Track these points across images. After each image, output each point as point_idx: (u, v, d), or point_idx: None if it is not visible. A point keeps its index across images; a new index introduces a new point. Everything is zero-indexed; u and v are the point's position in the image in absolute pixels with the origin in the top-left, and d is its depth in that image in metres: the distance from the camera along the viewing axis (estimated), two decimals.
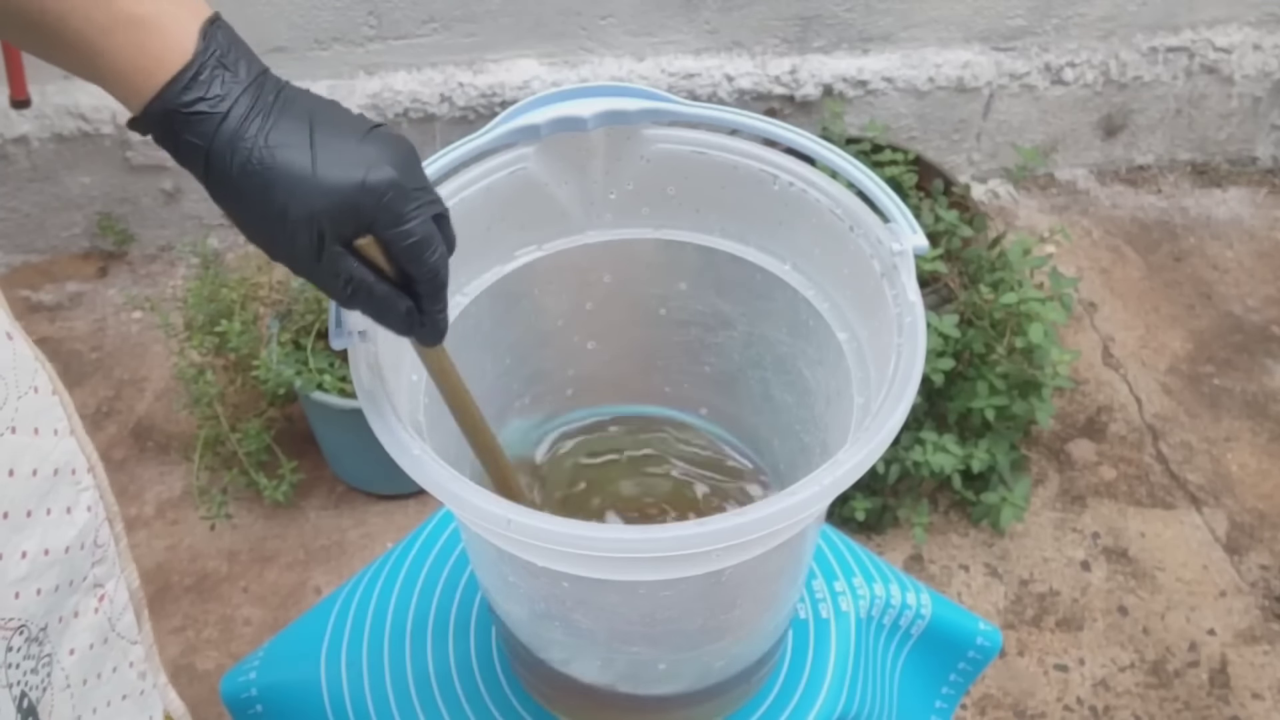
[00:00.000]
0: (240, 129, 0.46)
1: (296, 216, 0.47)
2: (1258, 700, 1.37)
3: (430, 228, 0.50)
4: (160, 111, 0.46)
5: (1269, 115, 2.16)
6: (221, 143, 0.46)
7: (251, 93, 0.47)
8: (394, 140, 0.50)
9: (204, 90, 0.46)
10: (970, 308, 1.44)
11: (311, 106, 0.49)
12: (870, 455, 0.52)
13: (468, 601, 0.80)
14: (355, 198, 0.47)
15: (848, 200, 0.64)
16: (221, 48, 0.47)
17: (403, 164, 0.49)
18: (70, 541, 0.52)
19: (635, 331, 0.78)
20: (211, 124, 0.46)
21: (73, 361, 1.68)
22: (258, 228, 0.48)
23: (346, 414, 1.37)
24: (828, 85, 1.88)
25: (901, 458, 1.41)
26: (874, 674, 0.83)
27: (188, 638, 1.37)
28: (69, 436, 0.52)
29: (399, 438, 0.53)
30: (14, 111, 1.61)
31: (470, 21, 1.73)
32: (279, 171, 0.46)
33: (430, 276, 0.51)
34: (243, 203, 0.47)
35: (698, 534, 0.48)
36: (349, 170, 0.47)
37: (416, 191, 0.49)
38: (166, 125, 0.47)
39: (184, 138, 0.47)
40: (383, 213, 0.48)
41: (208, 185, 0.48)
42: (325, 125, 0.48)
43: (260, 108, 0.47)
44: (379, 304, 0.51)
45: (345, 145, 0.48)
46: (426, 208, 0.49)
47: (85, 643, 0.54)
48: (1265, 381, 1.77)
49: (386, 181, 0.48)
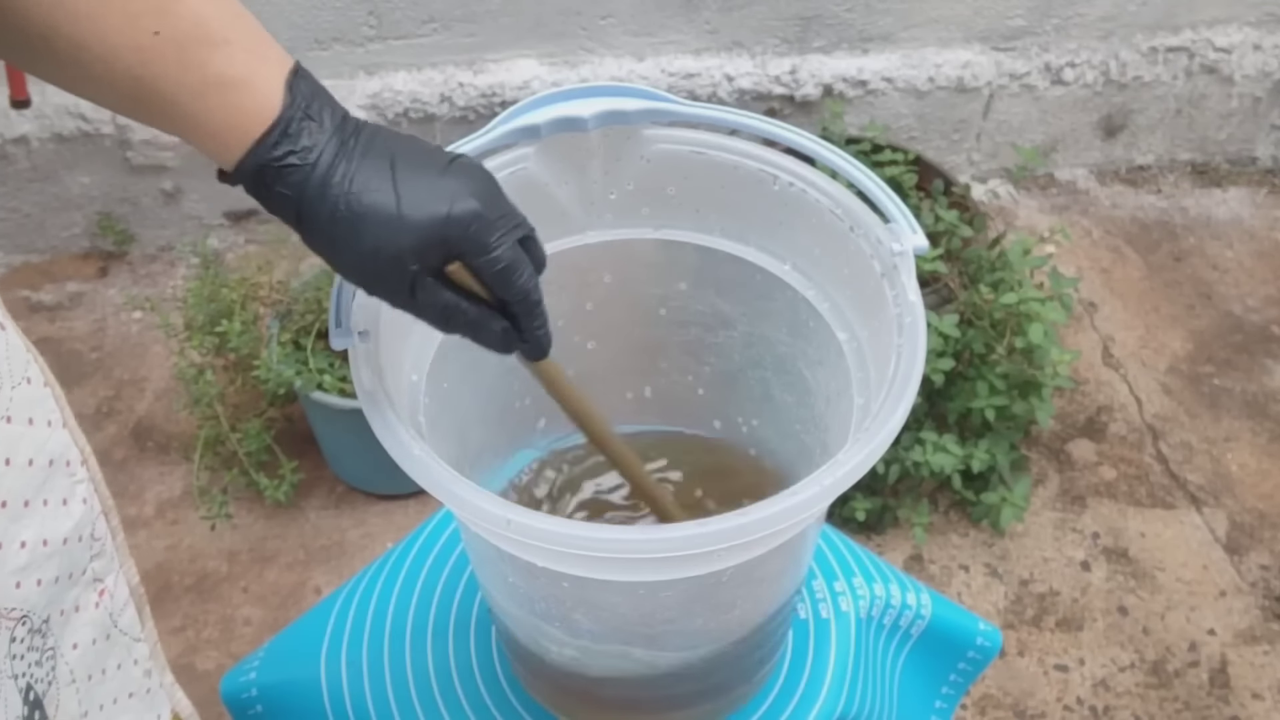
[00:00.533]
0: (328, 176, 0.48)
1: (387, 256, 0.49)
2: (1258, 700, 1.37)
3: (516, 252, 0.51)
4: (253, 167, 0.48)
5: (1269, 115, 2.16)
6: (311, 192, 0.48)
7: (336, 139, 0.49)
8: (473, 170, 0.51)
9: (294, 144, 0.48)
10: (970, 308, 1.44)
11: (392, 145, 0.50)
12: (870, 456, 0.52)
13: (468, 601, 0.80)
14: (441, 231, 0.49)
15: (848, 200, 0.64)
16: (306, 98, 0.49)
17: (484, 193, 0.51)
18: (68, 533, 0.52)
19: (635, 331, 0.78)
20: (302, 175, 0.48)
21: (73, 361, 1.68)
22: (353, 268, 0.50)
23: (346, 414, 1.37)
24: (828, 85, 1.88)
25: (901, 458, 1.41)
26: (874, 674, 0.83)
27: (188, 638, 1.37)
28: (62, 428, 0.52)
29: (399, 438, 0.53)
30: (14, 111, 1.61)
31: (470, 21, 1.73)
32: (367, 214, 0.48)
33: (522, 298, 0.53)
34: (335, 246, 0.49)
35: (698, 534, 0.48)
36: (433, 205, 0.49)
37: (500, 219, 0.51)
38: (259, 178, 0.48)
39: (276, 190, 0.48)
40: (469, 243, 0.50)
41: (301, 232, 0.50)
42: (406, 163, 0.50)
43: (344, 153, 0.49)
44: (475, 327, 0.53)
45: (427, 181, 0.49)
46: (511, 233, 0.51)
47: (87, 638, 0.54)
48: (1265, 381, 1.77)
49: (470, 214, 0.49)
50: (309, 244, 0.50)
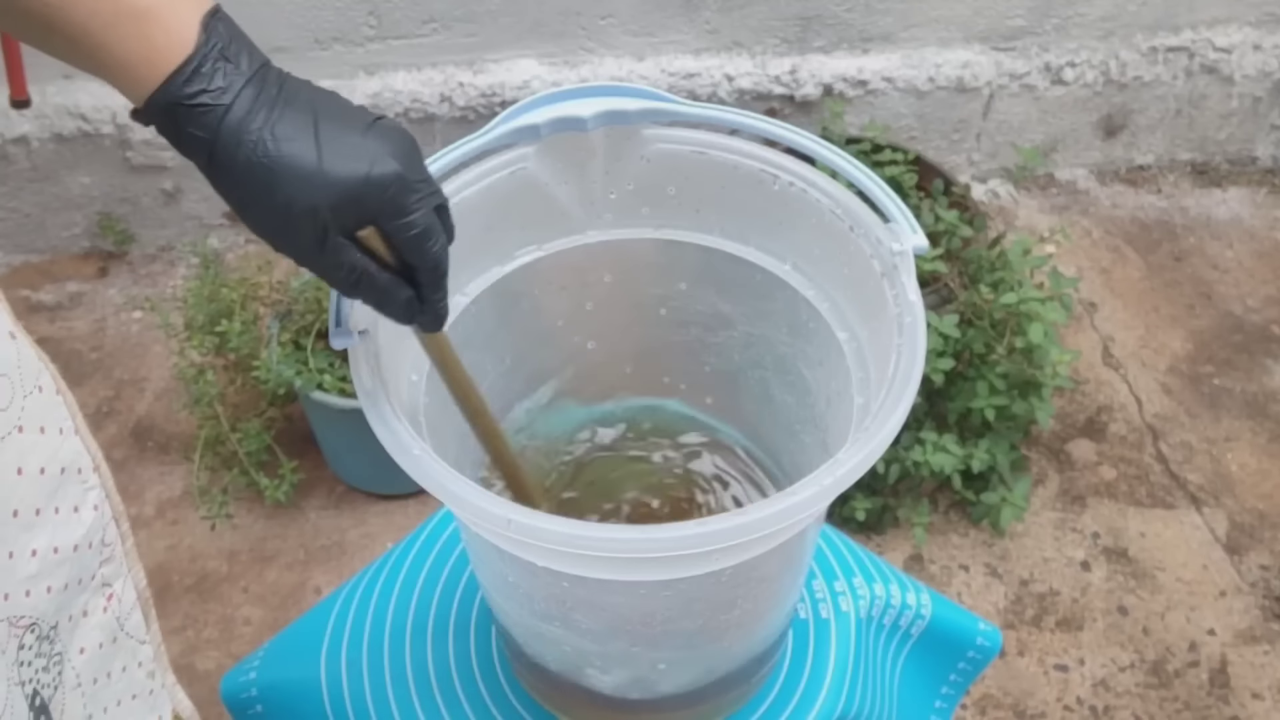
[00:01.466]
0: (245, 122, 0.47)
1: (301, 209, 0.47)
2: (1258, 700, 1.37)
3: (432, 219, 0.51)
4: (163, 103, 0.47)
5: (1269, 115, 2.16)
6: (226, 135, 0.47)
7: (254, 85, 0.48)
8: (396, 133, 0.50)
9: (206, 82, 0.46)
10: (970, 308, 1.44)
11: (315, 99, 0.49)
12: (870, 455, 0.52)
13: (468, 601, 0.80)
14: (359, 191, 0.48)
15: (848, 200, 0.64)
16: (223, 40, 0.47)
17: (405, 157, 0.49)
18: (78, 540, 0.52)
19: (635, 331, 0.78)
20: (215, 116, 0.47)
21: (73, 361, 1.68)
22: (262, 219, 0.49)
23: (346, 414, 1.37)
24: (828, 85, 1.88)
25: (901, 458, 1.41)
26: (874, 674, 0.83)
27: (188, 638, 1.37)
28: (74, 436, 0.52)
29: (399, 438, 0.53)
30: (14, 111, 1.61)
31: (470, 21, 1.73)
32: (284, 165, 0.47)
33: (432, 266, 0.52)
34: (247, 195, 0.48)
35: (698, 534, 0.48)
36: (353, 164, 0.48)
37: (418, 184, 0.50)
38: (169, 117, 0.47)
39: (187, 130, 0.47)
40: (386, 205, 0.49)
41: (211, 176, 0.49)
42: (329, 118, 0.49)
43: (264, 100, 0.48)
44: (381, 293, 0.51)
45: (349, 138, 0.48)
46: (428, 199, 0.50)
47: (95, 642, 0.54)
48: (1265, 381, 1.77)
49: (390, 175, 0.48)
50: (219, 191, 0.49)
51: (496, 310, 0.71)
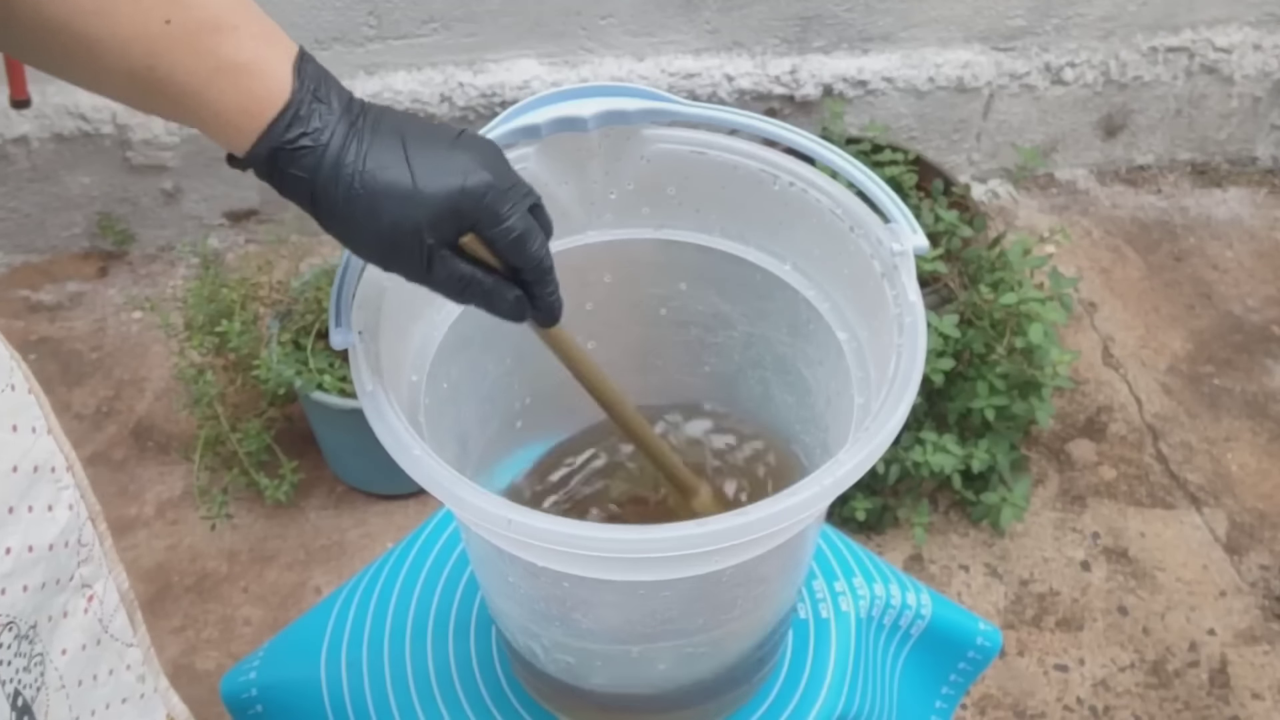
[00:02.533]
0: (340, 157, 0.49)
1: (404, 231, 0.49)
2: (1258, 700, 1.37)
3: (529, 220, 0.52)
4: (266, 151, 0.48)
5: (1269, 115, 2.16)
6: (326, 173, 0.49)
7: (345, 120, 0.50)
8: (482, 143, 0.52)
9: (305, 125, 0.48)
10: (970, 308, 1.44)
11: (400, 124, 0.51)
12: (870, 456, 0.52)
13: (468, 601, 0.80)
14: (456, 204, 0.50)
15: (848, 200, 0.64)
16: (314, 81, 0.49)
17: (494, 165, 0.52)
18: (54, 539, 0.52)
19: (635, 331, 0.78)
20: (314, 156, 0.49)
21: (73, 361, 1.68)
22: (370, 246, 0.51)
23: (346, 414, 1.37)
24: (828, 85, 1.88)
25: (901, 458, 1.41)
26: (874, 674, 0.83)
27: (188, 638, 1.37)
28: (46, 435, 0.53)
29: (399, 438, 0.53)
30: (14, 111, 1.61)
31: (470, 21, 1.73)
32: (383, 191, 0.49)
33: (535, 264, 0.54)
34: (352, 225, 0.50)
35: (698, 534, 0.48)
36: (447, 179, 0.50)
37: (511, 190, 0.52)
38: (272, 163, 0.49)
39: (289, 172, 0.49)
40: (483, 214, 0.51)
41: (315, 213, 0.51)
42: (416, 140, 0.50)
43: (354, 133, 0.49)
44: (490, 296, 0.54)
45: (438, 155, 0.50)
46: (522, 202, 0.52)
47: (77, 643, 0.54)
48: (1265, 381, 1.77)
49: (483, 185, 0.50)
50: (324, 226, 0.51)
51: None
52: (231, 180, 1.77)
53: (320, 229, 0.51)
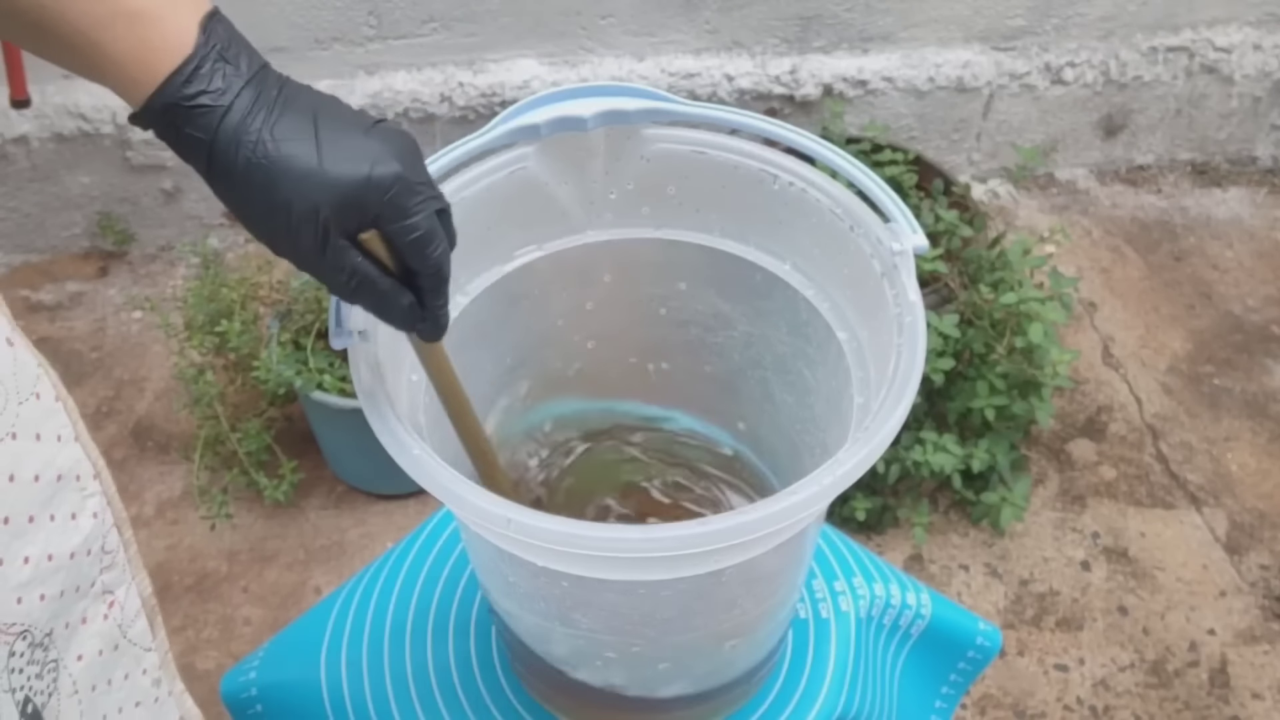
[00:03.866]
0: (244, 123, 0.46)
1: (301, 210, 0.47)
2: (1258, 700, 1.37)
3: (434, 222, 0.50)
4: (161, 105, 0.46)
5: (1269, 115, 2.16)
6: (225, 136, 0.46)
7: (254, 86, 0.47)
8: (398, 135, 0.50)
9: (205, 83, 0.46)
10: (970, 308, 1.44)
11: (314, 101, 0.49)
12: (870, 455, 0.52)
13: (468, 601, 0.80)
14: (361, 192, 0.47)
15: (848, 200, 0.64)
16: (222, 41, 0.47)
17: (407, 158, 0.49)
18: (75, 547, 0.52)
19: (635, 331, 0.78)
20: (214, 117, 0.46)
21: (73, 361, 1.68)
22: (261, 222, 0.48)
23: (346, 414, 1.37)
24: (828, 85, 1.88)
25: (901, 457, 1.41)
26: (874, 674, 0.83)
27: (188, 638, 1.37)
28: (73, 443, 0.52)
29: (399, 438, 0.53)
30: (14, 111, 1.61)
31: (470, 21, 1.73)
32: (284, 165, 0.46)
33: (433, 271, 0.51)
34: (246, 196, 0.48)
35: (698, 534, 0.48)
36: (354, 165, 0.47)
37: (420, 186, 0.49)
38: (168, 119, 0.47)
39: (185, 131, 0.47)
40: (387, 207, 0.48)
41: (210, 179, 0.48)
42: (329, 120, 0.48)
43: (263, 102, 0.47)
44: (381, 298, 0.51)
45: (350, 140, 0.48)
46: (430, 202, 0.50)
47: (94, 649, 0.54)
48: (1265, 381, 1.77)
49: (391, 176, 0.48)
50: (219, 194, 0.48)
51: (496, 310, 0.71)
52: None
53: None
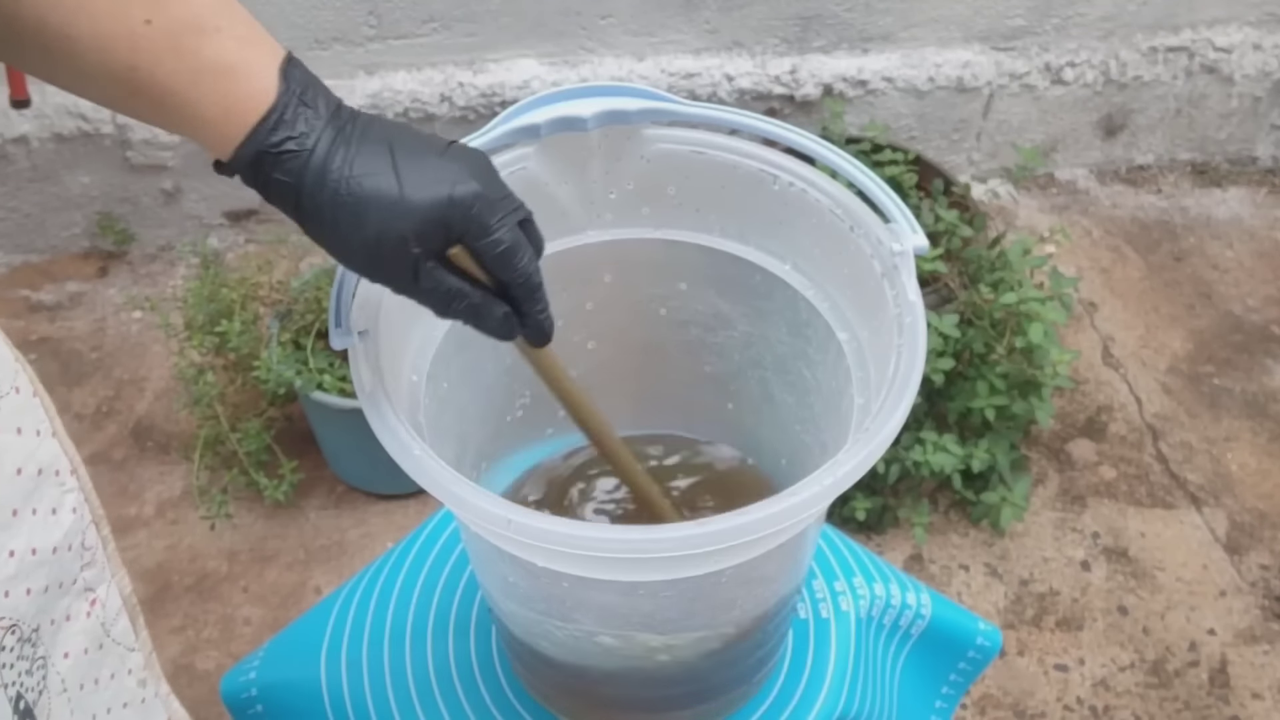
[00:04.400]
0: (326, 162, 0.48)
1: (390, 239, 0.48)
2: (1258, 700, 1.37)
3: (517, 234, 0.52)
4: (251, 154, 0.48)
5: (1269, 115, 2.16)
6: (311, 177, 0.48)
7: (333, 126, 0.49)
8: (471, 154, 0.52)
9: (291, 129, 0.48)
10: (970, 308, 1.44)
11: (389, 131, 0.50)
12: (870, 455, 0.52)
13: (468, 601, 0.80)
14: (444, 214, 0.49)
15: (848, 200, 0.64)
16: (300, 85, 0.49)
17: (483, 176, 0.51)
18: (58, 542, 0.52)
19: (635, 331, 0.78)
20: (300, 161, 0.48)
21: (73, 361, 1.68)
22: (356, 255, 0.50)
23: (346, 414, 1.37)
24: (828, 85, 1.88)
25: (902, 458, 1.41)
26: (874, 674, 0.83)
27: (188, 638, 1.37)
28: (51, 438, 0.52)
29: (399, 438, 0.53)
30: (14, 111, 1.61)
31: (470, 21, 1.73)
32: (369, 198, 0.48)
33: (523, 280, 0.52)
34: (337, 232, 0.49)
35: (698, 534, 0.48)
36: (434, 188, 0.49)
37: (500, 201, 0.51)
38: (257, 167, 0.48)
39: (274, 176, 0.48)
40: (471, 225, 0.50)
41: (300, 219, 0.50)
42: (404, 148, 0.50)
43: (342, 140, 0.49)
44: (477, 312, 0.52)
45: (427, 164, 0.49)
46: (511, 215, 0.51)
47: (79, 647, 0.54)
48: (1265, 381, 1.77)
49: (471, 195, 0.49)
50: (309, 233, 0.50)
51: None
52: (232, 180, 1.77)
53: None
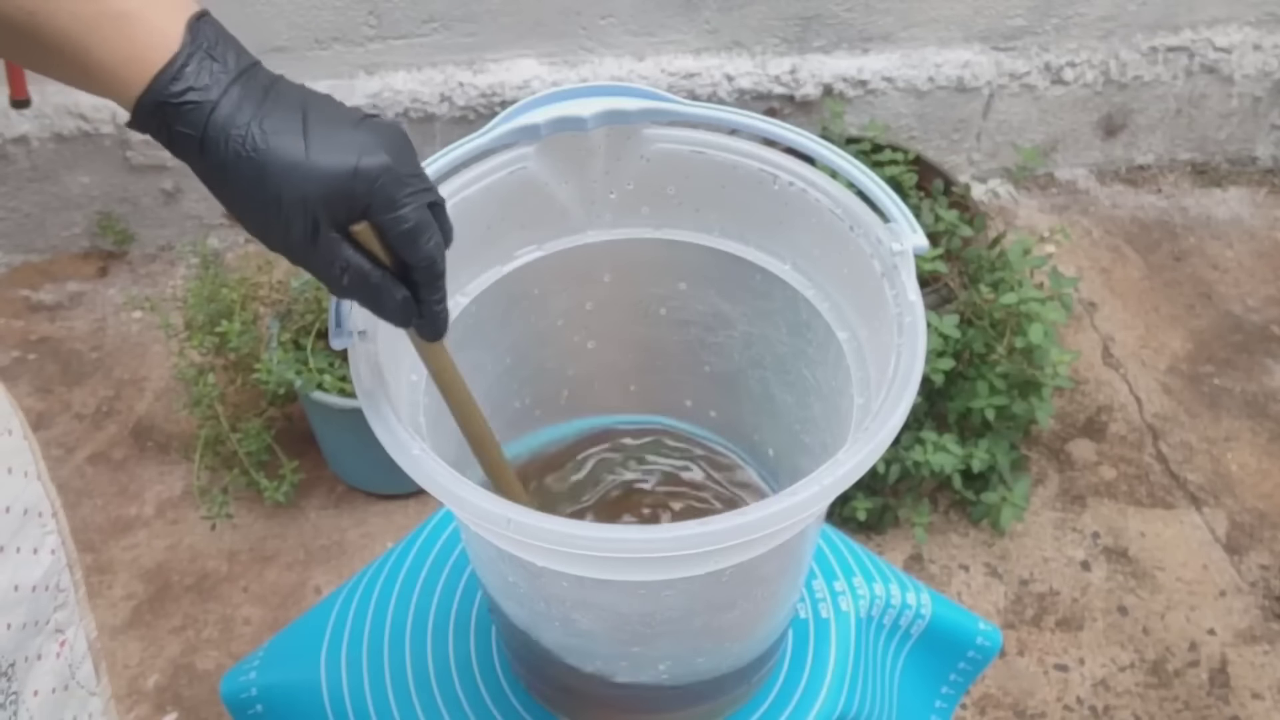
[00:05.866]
0: (232, 117, 0.47)
1: (290, 202, 0.47)
2: (1258, 700, 1.37)
3: (425, 214, 0.50)
4: (151, 104, 0.47)
5: (1269, 115, 2.16)
6: (214, 131, 0.47)
7: (242, 83, 0.48)
8: (387, 127, 0.50)
9: (193, 80, 0.46)
10: (970, 308, 1.44)
11: (304, 97, 0.49)
12: (870, 455, 0.52)
13: (468, 601, 0.80)
14: (348, 183, 0.47)
15: (848, 200, 0.64)
16: (209, 40, 0.47)
17: (396, 150, 0.49)
18: (37, 581, 0.52)
19: (635, 331, 0.78)
20: (202, 113, 0.47)
21: (73, 361, 1.68)
22: (253, 215, 0.48)
23: (346, 414, 1.37)
24: (828, 85, 1.88)
25: (902, 457, 1.41)
26: (874, 674, 0.83)
27: (188, 638, 1.37)
28: (36, 480, 0.53)
29: (399, 438, 0.53)
30: (14, 111, 1.61)
31: (470, 21, 1.73)
32: (272, 157, 0.47)
33: (426, 264, 0.51)
34: (237, 190, 0.48)
35: (698, 534, 0.48)
36: (342, 156, 0.47)
37: (410, 178, 0.49)
38: (159, 117, 0.47)
39: (176, 128, 0.47)
40: (376, 198, 0.48)
41: (202, 175, 0.48)
42: (318, 113, 0.48)
43: (251, 98, 0.47)
44: (375, 292, 0.51)
45: (338, 132, 0.48)
46: (421, 195, 0.50)
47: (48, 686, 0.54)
48: (1265, 381, 1.77)
49: (379, 166, 0.48)
50: (212, 189, 0.49)
51: (496, 310, 0.71)
52: None
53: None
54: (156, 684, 1.32)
